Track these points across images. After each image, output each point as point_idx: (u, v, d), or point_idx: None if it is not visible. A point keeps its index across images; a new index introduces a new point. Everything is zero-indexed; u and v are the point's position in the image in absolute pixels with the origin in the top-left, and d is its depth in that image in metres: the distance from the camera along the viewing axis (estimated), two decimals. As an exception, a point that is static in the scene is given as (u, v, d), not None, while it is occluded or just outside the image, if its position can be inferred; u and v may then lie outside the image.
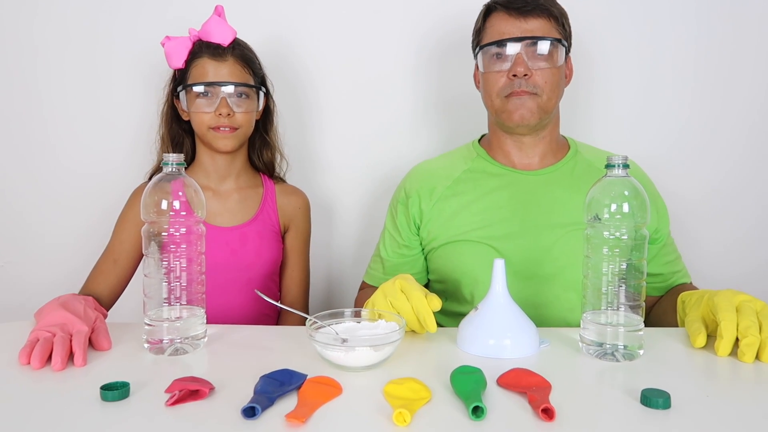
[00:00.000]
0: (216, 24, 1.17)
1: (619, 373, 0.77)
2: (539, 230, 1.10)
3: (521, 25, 1.08)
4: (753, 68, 1.45)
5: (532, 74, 1.07)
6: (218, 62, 1.16)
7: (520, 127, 1.11)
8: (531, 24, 1.08)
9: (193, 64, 1.17)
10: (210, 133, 1.17)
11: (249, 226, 1.25)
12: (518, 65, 1.07)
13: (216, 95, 1.16)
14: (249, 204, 1.28)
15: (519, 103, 1.08)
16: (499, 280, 0.87)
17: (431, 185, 1.18)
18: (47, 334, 0.83)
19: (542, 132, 1.15)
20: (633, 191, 0.81)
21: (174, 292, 0.85)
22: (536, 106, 1.09)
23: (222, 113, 1.15)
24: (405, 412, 0.62)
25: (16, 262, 1.52)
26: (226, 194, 1.26)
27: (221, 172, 1.25)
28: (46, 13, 1.45)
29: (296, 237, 1.33)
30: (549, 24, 1.09)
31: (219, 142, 1.18)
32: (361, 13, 1.46)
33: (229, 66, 1.17)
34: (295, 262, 1.34)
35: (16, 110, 1.48)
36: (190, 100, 1.18)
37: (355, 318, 0.89)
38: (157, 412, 0.65)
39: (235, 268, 1.23)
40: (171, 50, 1.18)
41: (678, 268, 1.18)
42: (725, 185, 1.48)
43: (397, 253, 1.21)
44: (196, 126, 1.19)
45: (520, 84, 1.07)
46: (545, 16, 1.09)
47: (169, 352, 0.83)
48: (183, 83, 1.18)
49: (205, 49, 1.17)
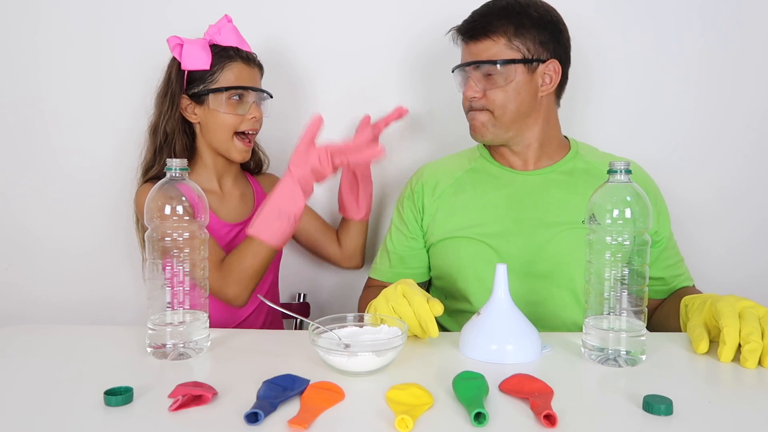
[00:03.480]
0: (235, 32, 1.22)
1: (621, 379, 0.77)
2: (535, 228, 1.12)
3: (470, 49, 1.14)
4: (757, 70, 1.44)
5: (484, 95, 1.12)
6: (252, 68, 1.23)
7: (482, 140, 1.17)
8: (478, 47, 1.13)
9: (226, 67, 1.19)
10: (232, 142, 1.22)
11: (249, 221, 1.27)
12: (468, 89, 1.14)
13: (247, 101, 1.21)
14: (246, 201, 1.33)
15: (472, 117, 1.16)
16: (501, 285, 0.87)
17: (435, 182, 1.22)
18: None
19: (519, 143, 1.17)
20: (635, 197, 0.81)
21: (177, 296, 0.85)
22: (489, 120, 1.14)
23: (255, 116, 1.21)
24: (407, 418, 0.62)
25: (17, 266, 1.52)
26: (227, 193, 1.31)
27: (221, 172, 1.30)
28: (48, 17, 1.46)
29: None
30: (496, 44, 1.11)
31: (238, 154, 1.23)
32: (361, 15, 1.46)
33: (257, 73, 1.25)
34: (311, 219, 1.40)
35: (18, 114, 1.48)
36: (222, 102, 1.20)
37: (358, 323, 0.89)
38: (160, 418, 0.66)
39: None
40: (191, 52, 1.18)
41: (680, 272, 1.19)
42: (728, 188, 1.48)
43: (405, 245, 1.24)
44: (218, 129, 1.21)
45: (472, 105, 1.15)
46: (492, 37, 1.11)
47: (172, 357, 0.84)
48: (207, 85, 1.19)
49: (237, 54, 1.20)
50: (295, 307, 1.50)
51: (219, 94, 1.19)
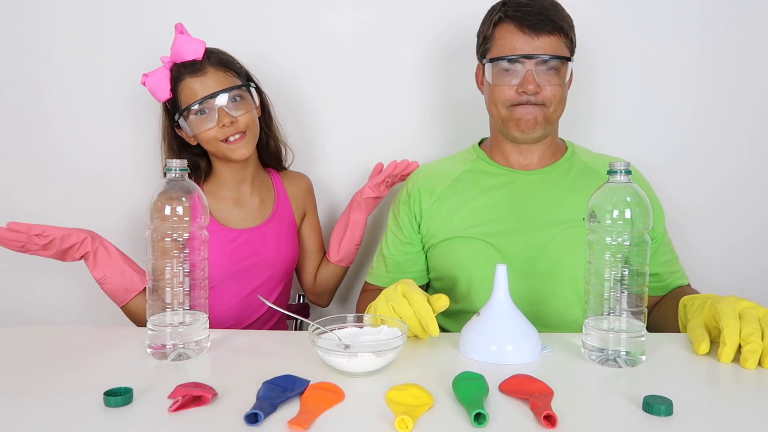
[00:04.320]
0: (183, 42, 1.16)
1: (621, 380, 0.77)
2: (536, 227, 1.12)
3: (533, 42, 1.08)
4: (757, 75, 1.44)
5: (541, 90, 1.09)
6: (201, 77, 1.15)
7: (531, 135, 1.13)
8: (543, 41, 1.08)
9: (180, 89, 1.17)
10: (221, 147, 1.18)
11: (268, 224, 1.29)
12: (528, 83, 1.08)
13: (212, 109, 1.16)
14: (266, 203, 1.31)
15: (525, 111, 1.10)
16: (501, 286, 0.87)
17: (431, 184, 1.21)
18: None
19: (543, 139, 1.17)
20: (635, 197, 0.81)
21: (177, 297, 0.85)
22: (542, 116, 1.11)
23: (225, 123, 1.15)
24: (407, 418, 0.62)
25: (17, 267, 1.52)
26: (246, 199, 1.29)
27: (238, 178, 1.27)
28: (49, 16, 1.46)
29: (312, 219, 1.41)
30: (559, 41, 1.10)
31: (234, 153, 1.18)
32: (365, 18, 1.46)
33: (212, 76, 1.16)
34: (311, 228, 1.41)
35: (18, 114, 1.48)
36: (191, 123, 1.17)
37: (358, 324, 0.89)
38: (160, 418, 0.66)
39: (258, 266, 1.26)
40: (153, 85, 1.17)
41: (675, 269, 1.19)
42: (727, 191, 1.48)
43: (400, 250, 1.23)
44: (207, 144, 1.20)
45: (528, 99, 1.10)
46: (556, 33, 1.09)
47: (172, 358, 0.84)
48: (178, 111, 1.18)
49: (183, 70, 1.16)
50: (295, 307, 1.50)
51: (186, 117, 1.17)
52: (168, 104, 1.20)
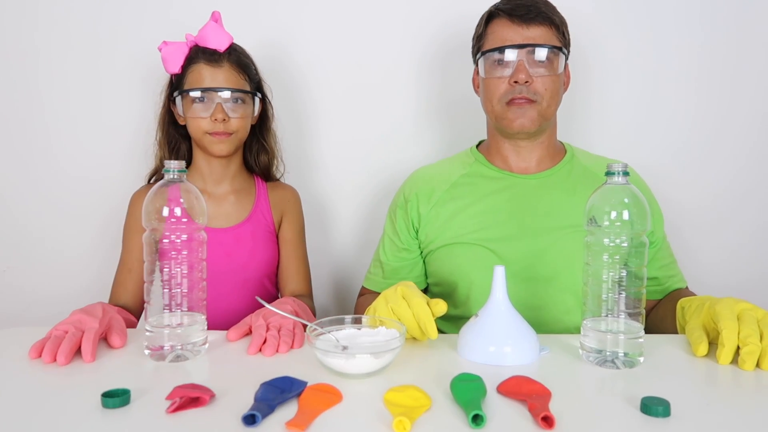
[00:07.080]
0: (213, 30, 1.18)
1: (619, 381, 0.77)
2: (536, 233, 1.11)
3: (523, 32, 1.09)
4: (756, 77, 1.45)
5: (533, 81, 1.08)
6: (214, 68, 1.17)
7: (520, 134, 1.13)
8: (533, 31, 1.09)
9: (190, 70, 1.18)
10: (206, 138, 1.18)
11: (243, 226, 1.26)
12: (519, 72, 1.08)
13: (212, 101, 1.16)
14: (243, 205, 1.28)
15: (520, 111, 1.10)
16: (499, 287, 0.87)
17: (429, 189, 1.19)
18: (60, 332, 0.87)
19: (540, 137, 1.16)
20: (633, 199, 0.81)
21: (175, 298, 0.85)
22: (536, 113, 1.10)
23: (217, 119, 1.15)
24: (405, 420, 0.62)
25: (16, 267, 1.52)
26: (221, 197, 1.27)
27: (217, 175, 1.26)
28: (47, 19, 1.46)
29: (289, 229, 1.31)
30: (550, 32, 1.10)
31: (214, 146, 1.18)
32: (361, 18, 1.47)
33: (225, 72, 1.17)
34: (291, 252, 1.31)
35: (17, 115, 1.49)
36: (186, 105, 1.18)
37: (356, 325, 0.89)
38: (157, 420, 0.65)
39: (230, 269, 1.23)
40: (168, 55, 1.18)
41: (673, 273, 1.19)
42: (727, 194, 1.48)
43: (397, 256, 1.22)
44: (192, 130, 1.20)
45: (521, 90, 1.09)
46: (547, 24, 1.10)
47: (169, 359, 0.84)
48: (179, 88, 1.19)
49: (201, 55, 1.17)
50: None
51: (185, 97, 1.18)
52: (173, 78, 1.22)
